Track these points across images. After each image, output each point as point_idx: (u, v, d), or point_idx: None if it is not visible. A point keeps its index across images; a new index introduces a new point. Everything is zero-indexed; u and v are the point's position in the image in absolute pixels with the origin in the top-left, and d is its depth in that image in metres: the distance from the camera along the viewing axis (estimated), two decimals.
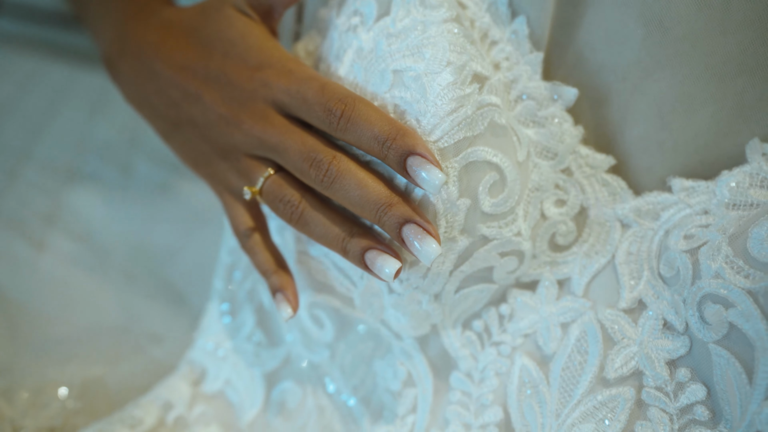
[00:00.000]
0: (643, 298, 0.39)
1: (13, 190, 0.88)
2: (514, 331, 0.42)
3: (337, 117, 0.38)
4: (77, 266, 0.71)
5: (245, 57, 0.43)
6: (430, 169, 0.35)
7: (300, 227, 0.41)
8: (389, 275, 0.37)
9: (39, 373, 0.56)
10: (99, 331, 0.62)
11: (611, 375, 0.38)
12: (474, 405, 0.42)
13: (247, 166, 0.43)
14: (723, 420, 0.34)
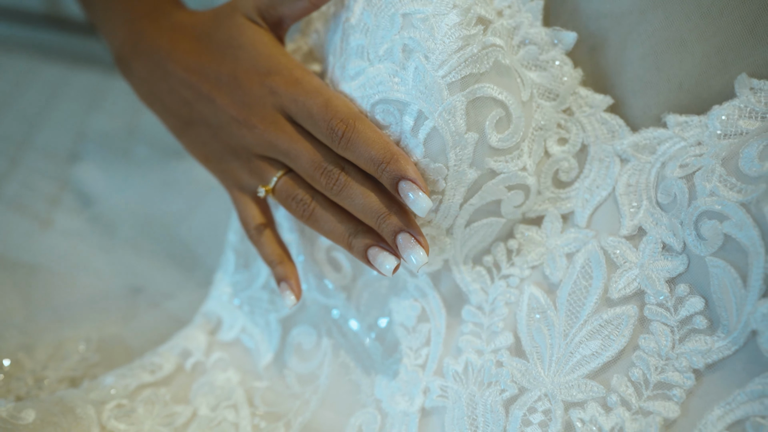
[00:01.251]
0: (642, 225, 0.42)
1: (15, 175, 0.90)
2: (522, 264, 0.45)
3: (339, 137, 0.41)
4: (85, 238, 0.72)
5: (255, 63, 0.46)
6: (417, 193, 0.39)
7: (310, 223, 0.45)
8: (389, 270, 0.41)
9: (55, 332, 0.58)
10: (112, 292, 0.64)
11: (615, 296, 0.40)
12: (485, 333, 0.45)
13: (258, 166, 0.47)
14: (720, 326, 0.37)
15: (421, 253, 0.40)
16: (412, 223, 0.41)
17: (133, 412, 0.47)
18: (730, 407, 0.35)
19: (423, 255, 0.40)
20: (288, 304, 0.46)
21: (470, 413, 0.43)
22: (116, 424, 0.46)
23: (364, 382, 0.48)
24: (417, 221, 0.43)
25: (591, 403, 0.39)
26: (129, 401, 0.48)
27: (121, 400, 0.47)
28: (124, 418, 0.46)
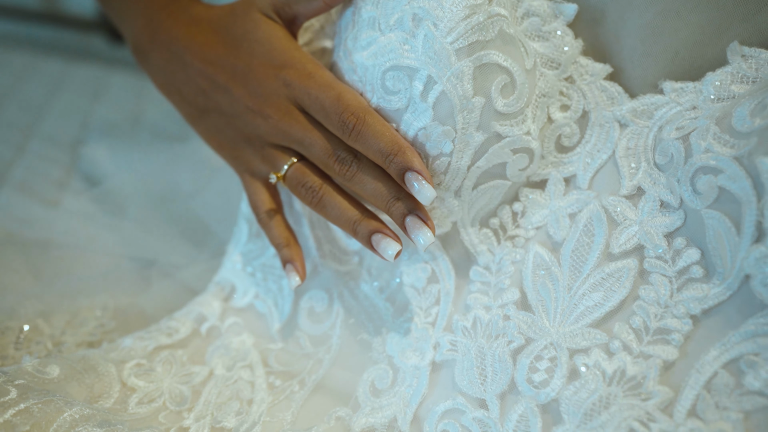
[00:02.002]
0: (641, 185, 0.44)
1: (22, 161, 0.91)
2: (527, 225, 0.47)
3: (350, 129, 0.44)
4: (94, 216, 0.74)
5: (270, 57, 0.49)
6: (422, 183, 0.42)
7: (318, 209, 0.47)
8: (390, 256, 0.44)
9: (71, 301, 0.59)
10: (124, 266, 0.65)
11: (616, 250, 0.43)
12: (492, 290, 0.47)
13: (270, 153, 0.49)
14: (715, 274, 0.39)
15: (428, 233, 0.43)
16: (420, 206, 0.44)
17: (152, 371, 0.49)
18: (725, 348, 0.38)
19: (430, 235, 0.43)
20: (292, 285, 0.49)
21: (479, 364, 0.45)
22: (136, 381, 0.47)
23: (375, 340, 0.50)
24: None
25: (594, 349, 0.41)
26: (147, 361, 0.49)
27: (140, 359, 0.49)
28: (143, 375, 0.48)
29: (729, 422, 0.36)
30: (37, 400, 0.40)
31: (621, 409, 0.38)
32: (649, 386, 0.39)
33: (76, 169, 0.89)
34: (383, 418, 0.47)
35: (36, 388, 0.41)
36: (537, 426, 0.41)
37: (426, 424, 0.45)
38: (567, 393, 0.41)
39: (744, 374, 0.36)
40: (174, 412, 0.47)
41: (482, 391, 0.44)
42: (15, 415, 0.38)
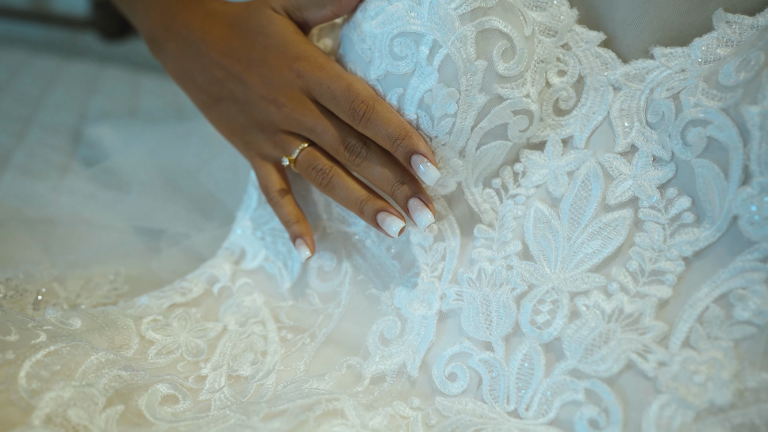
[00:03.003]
0: (634, 142, 0.47)
1: (23, 148, 0.92)
2: (528, 184, 0.50)
3: (360, 116, 0.48)
4: (97, 195, 0.75)
5: (283, 50, 0.52)
6: (427, 165, 0.46)
7: (327, 191, 0.51)
8: (395, 232, 0.48)
9: (84, 269, 0.61)
10: (133, 237, 0.67)
11: (612, 202, 0.46)
12: (496, 244, 0.49)
13: (282, 139, 0.53)
14: (706, 219, 0.42)
15: (429, 215, 0.47)
16: (422, 191, 0.48)
17: (168, 326, 0.51)
18: (715, 284, 0.41)
19: (430, 216, 0.47)
20: (303, 257, 0.52)
21: (484, 310, 0.47)
22: (154, 334, 0.49)
23: (383, 295, 0.53)
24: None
25: (594, 291, 0.44)
26: (163, 317, 0.51)
27: (156, 315, 0.51)
28: (160, 330, 0.50)
29: (720, 350, 0.39)
30: (65, 344, 0.41)
31: (620, 343, 0.41)
32: (646, 322, 0.41)
33: (77, 152, 0.90)
34: (393, 364, 0.49)
35: (63, 334, 0.43)
36: (540, 363, 0.44)
37: (434, 368, 0.48)
38: (568, 331, 0.43)
39: (733, 307, 0.39)
40: (191, 362, 0.49)
41: (488, 335, 0.46)
42: (46, 355, 0.40)
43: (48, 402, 0.37)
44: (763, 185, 0.39)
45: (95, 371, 0.41)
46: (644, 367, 0.40)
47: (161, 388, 0.42)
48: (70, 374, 0.40)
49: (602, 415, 0.40)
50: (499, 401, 0.45)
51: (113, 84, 1.27)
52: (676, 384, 0.39)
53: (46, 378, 0.38)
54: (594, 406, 0.41)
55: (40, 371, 0.39)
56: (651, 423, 0.38)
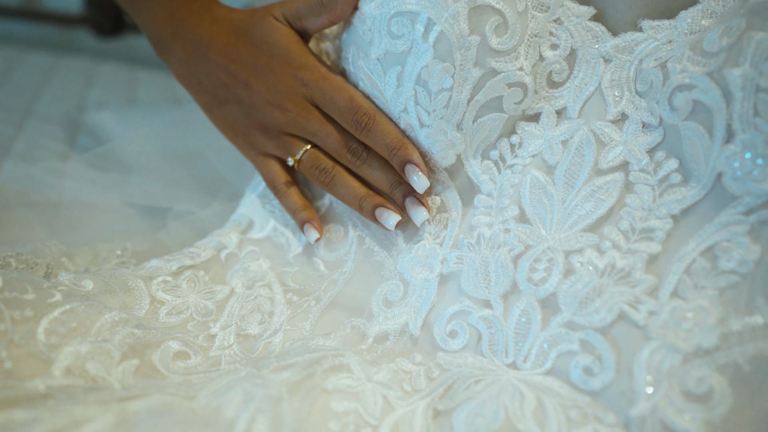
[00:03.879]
0: (625, 111, 0.49)
1: (23, 137, 0.93)
2: (524, 155, 0.52)
3: (362, 126, 0.53)
4: (101, 178, 0.76)
5: (288, 59, 0.56)
6: (419, 174, 0.51)
7: (329, 187, 0.56)
8: (392, 225, 0.53)
9: (91, 246, 0.62)
10: (138, 216, 0.68)
11: (604, 167, 0.48)
12: (494, 211, 0.51)
13: (286, 141, 0.57)
14: (692, 178, 0.45)
15: (424, 212, 0.52)
16: (413, 192, 0.53)
17: (177, 287, 0.52)
18: (701, 238, 0.43)
19: (425, 213, 0.52)
20: (312, 240, 0.56)
21: (483, 271, 0.49)
22: (164, 295, 0.51)
23: (387, 261, 0.55)
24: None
25: (587, 249, 0.46)
26: (173, 278, 0.53)
27: (166, 277, 0.53)
28: (170, 291, 0.52)
29: (706, 299, 0.41)
30: (80, 303, 0.43)
31: (612, 295, 0.43)
32: (637, 276, 0.44)
33: (77, 141, 0.92)
34: (395, 324, 0.51)
35: (76, 294, 0.45)
36: (537, 318, 0.46)
37: (435, 326, 0.50)
38: (564, 287, 0.45)
39: (718, 258, 0.42)
40: (201, 322, 0.50)
41: (486, 293, 0.49)
42: (62, 314, 0.42)
43: (67, 355, 0.39)
44: (746, 142, 0.41)
45: (109, 329, 0.42)
46: (635, 317, 0.42)
47: (173, 345, 0.44)
48: (86, 331, 0.41)
49: (596, 362, 0.42)
50: (498, 355, 0.47)
51: (109, 77, 1.28)
52: (665, 331, 0.41)
53: (63, 334, 0.40)
54: (588, 355, 0.43)
55: (58, 328, 0.40)
56: (642, 367, 0.40)
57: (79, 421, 0.30)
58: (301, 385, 0.38)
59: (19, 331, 0.38)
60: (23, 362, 0.37)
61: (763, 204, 0.41)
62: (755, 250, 0.41)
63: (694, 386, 0.38)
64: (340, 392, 0.41)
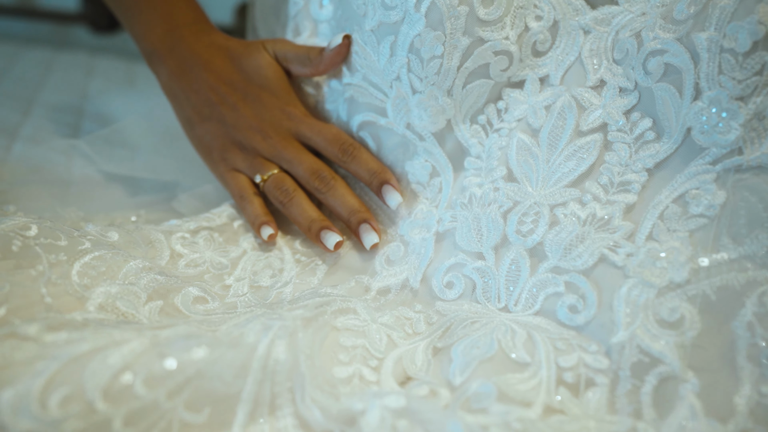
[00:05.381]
0: (603, 77, 0.53)
1: (29, 123, 0.96)
2: (510, 119, 0.56)
3: (349, 153, 0.59)
4: (109, 157, 0.79)
5: (277, 94, 0.62)
6: (394, 194, 0.57)
7: (284, 207, 0.59)
8: (331, 245, 0.56)
9: (105, 214, 0.66)
10: (147, 190, 0.72)
11: (585, 128, 0.52)
12: (484, 172, 0.55)
13: (259, 162, 0.61)
14: (664, 135, 0.49)
15: (375, 237, 0.57)
16: (373, 219, 0.58)
17: (195, 243, 0.56)
18: (673, 188, 0.47)
19: (376, 238, 0.57)
20: (264, 236, 0.58)
21: (476, 226, 0.53)
22: (182, 249, 0.55)
23: (390, 230, 0.59)
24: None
25: (570, 202, 0.50)
26: (191, 236, 0.57)
27: (185, 233, 0.57)
28: (188, 246, 0.56)
29: (678, 240, 0.45)
30: (107, 251, 0.47)
31: (594, 241, 0.48)
32: (615, 223, 0.48)
33: (82, 126, 0.95)
34: (397, 280, 0.55)
35: (103, 243, 0.49)
36: (526, 265, 0.50)
37: (433, 279, 0.54)
38: (549, 236, 0.50)
39: (688, 204, 0.46)
40: (216, 275, 0.54)
41: (479, 246, 0.53)
42: (92, 259, 0.45)
43: (99, 294, 0.42)
44: (711, 98, 0.45)
45: (135, 274, 0.46)
46: (614, 259, 0.47)
47: (192, 290, 0.48)
48: (113, 276, 0.45)
49: (580, 300, 0.47)
50: (491, 301, 0.51)
51: (108, 70, 1.31)
52: (641, 269, 0.45)
53: (94, 276, 0.44)
54: (573, 295, 0.47)
55: (89, 271, 0.44)
56: (621, 300, 0.44)
57: (118, 342, 0.34)
58: (313, 321, 0.42)
59: (56, 272, 0.42)
60: (61, 298, 0.41)
61: (728, 153, 0.46)
62: (721, 195, 0.45)
63: (667, 315, 0.43)
64: (348, 330, 0.44)
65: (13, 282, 0.39)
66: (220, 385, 0.35)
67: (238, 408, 0.36)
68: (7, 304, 0.38)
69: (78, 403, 0.31)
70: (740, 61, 0.44)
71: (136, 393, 0.33)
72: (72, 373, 0.32)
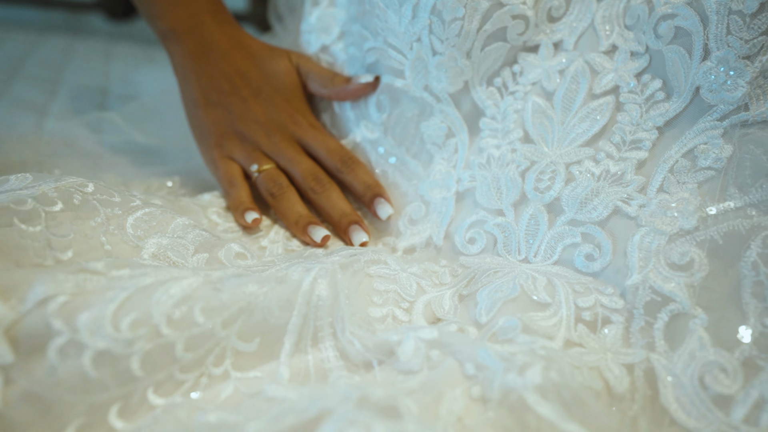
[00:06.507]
0: (615, 42, 0.56)
1: (56, 102, 0.99)
2: (525, 82, 0.59)
3: (348, 164, 0.62)
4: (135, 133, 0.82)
5: (290, 100, 0.65)
6: (386, 206, 0.60)
7: (275, 199, 0.60)
8: (318, 238, 0.57)
9: (141, 180, 0.69)
10: (180, 158, 0.75)
11: (597, 91, 0.55)
12: (500, 134, 0.59)
13: (257, 155, 0.63)
14: (674, 94, 0.52)
15: (365, 235, 0.58)
16: (362, 222, 0.59)
17: (229, 215, 0.60)
18: (683, 143, 0.50)
19: (365, 236, 0.58)
20: (248, 220, 0.59)
21: (495, 185, 0.57)
22: (218, 219, 0.58)
23: (409, 190, 0.62)
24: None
25: (585, 160, 0.53)
26: (224, 211, 0.60)
27: (218, 209, 0.60)
28: (223, 216, 0.59)
29: (687, 191, 0.48)
30: (155, 208, 0.50)
31: (608, 194, 0.51)
32: (628, 177, 0.51)
33: (108, 104, 0.98)
34: (420, 238, 0.58)
35: (150, 203, 0.52)
36: (544, 220, 0.53)
37: (456, 236, 0.57)
38: (566, 192, 0.53)
39: (697, 158, 0.49)
40: (252, 238, 0.58)
41: (499, 204, 0.56)
42: (144, 215, 0.49)
43: (151, 245, 0.46)
44: (720, 58, 0.48)
45: (182, 229, 0.50)
46: (628, 210, 0.50)
47: (234, 246, 0.51)
48: (163, 230, 0.48)
49: (596, 249, 0.50)
50: (512, 253, 0.54)
51: (127, 54, 1.34)
52: (653, 219, 0.48)
53: (146, 229, 0.47)
54: (589, 244, 0.50)
55: (141, 224, 0.47)
56: (634, 247, 0.48)
57: (176, 277, 0.38)
58: (349, 267, 0.46)
59: (112, 223, 0.45)
60: (118, 246, 0.44)
61: (735, 110, 0.48)
62: (728, 148, 0.48)
63: (677, 259, 0.46)
64: (380, 277, 0.48)
65: (76, 230, 0.42)
66: (269, 317, 0.39)
67: (285, 338, 0.39)
68: (72, 248, 0.41)
69: (146, 326, 0.35)
70: (747, 22, 0.47)
71: (196, 320, 0.36)
72: (139, 301, 0.35)
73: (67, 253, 0.41)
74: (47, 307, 0.33)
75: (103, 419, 0.33)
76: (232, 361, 0.38)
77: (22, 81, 1.09)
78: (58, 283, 0.34)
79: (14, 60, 1.22)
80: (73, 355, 0.33)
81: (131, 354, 0.34)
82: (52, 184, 0.44)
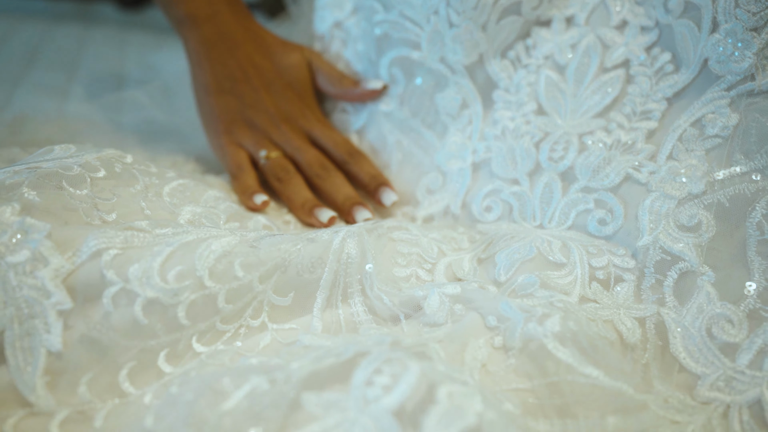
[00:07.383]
0: (625, 18, 0.58)
1: (76, 84, 1.01)
2: (538, 56, 0.61)
3: (354, 156, 0.64)
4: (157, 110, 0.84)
5: (302, 95, 0.67)
6: (390, 193, 0.61)
7: (282, 184, 0.62)
8: (325, 219, 0.58)
9: (166, 156, 0.71)
10: (202, 138, 0.77)
11: (609, 65, 0.57)
12: (514, 106, 0.61)
13: (267, 143, 0.65)
14: (682, 66, 0.54)
15: (367, 213, 0.60)
16: (366, 206, 0.60)
17: None
18: (691, 113, 0.52)
19: (368, 213, 0.60)
20: (258, 202, 0.59)
21: (510, 156, 0.59)
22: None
23: (425, 160, 0.64)
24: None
25: (597, 130, 0.55)
26: None
27: None
28: None
29: (695, 158, 0.50)
30: (189, 180, 0.53)
31: (619, 162, 0.53)
32: (639, 146, 0.53)
33: (127, 86, 1.01)
34: (438, 207, 0.61)
35: (183, 175, 0.54)
36: (558, 187, 0.56)
37: (473, 204, 0.59)
38: (579, 160, 0.55)
39: (705, 127, 0.51)
40: (276, 214, 0.60)
41: (514, 173, 0.58)
42: (178, 185, 0.51)
43: (187, 212, 0.48)
44: (728, 30, 0.50)
45: (214, 200, 0.52)
46: (638, 177, 0.52)
47: (261, 218, 0.54)
48: (196, 200, 0.51)
49: (608, 214, 0.52)
50: (527, 220, 0.57)
51: (140, 43, 1.36)
52: (663, 184, 0.50)
53: (181, 198, 0.50)
54: (601, 209, 0.53)
55: (176, 193, 0.50)
56: (645, 211, 0.50)
57: (216, 236, 0.40)
58: (373, 231, 0.48)
59: (151, 191, 0.48)
60: (156, 212, 0.46)
61: (742, 80, 0.51)
62: (734, 117, 0.50)
63: (686, 221, 0.48)
64: (402, 241, 0.50)
65: (118, 195, 0.45)
66: (302, 272, 0.41)
67: (317, 293, 0.42)
68: (116, 211, 0.44)
69: (190, 278, 0.37)
70: None
71: (236, 274, 0.39)
72: (184, 255, 0.38)
73: (111, 215, 0.43)
74: (101, 259, 0.36)
75: (152, 363, 0.36)
76: (269, 313, 0.40)
77: (41, 67, 1.11)
78: (109, 238, 0.37)
79: (31, 47, 1.24)
80: (125, 303, 0.35)
81: (178, 303, 0.36)
82: (94, 154, 0.46)
